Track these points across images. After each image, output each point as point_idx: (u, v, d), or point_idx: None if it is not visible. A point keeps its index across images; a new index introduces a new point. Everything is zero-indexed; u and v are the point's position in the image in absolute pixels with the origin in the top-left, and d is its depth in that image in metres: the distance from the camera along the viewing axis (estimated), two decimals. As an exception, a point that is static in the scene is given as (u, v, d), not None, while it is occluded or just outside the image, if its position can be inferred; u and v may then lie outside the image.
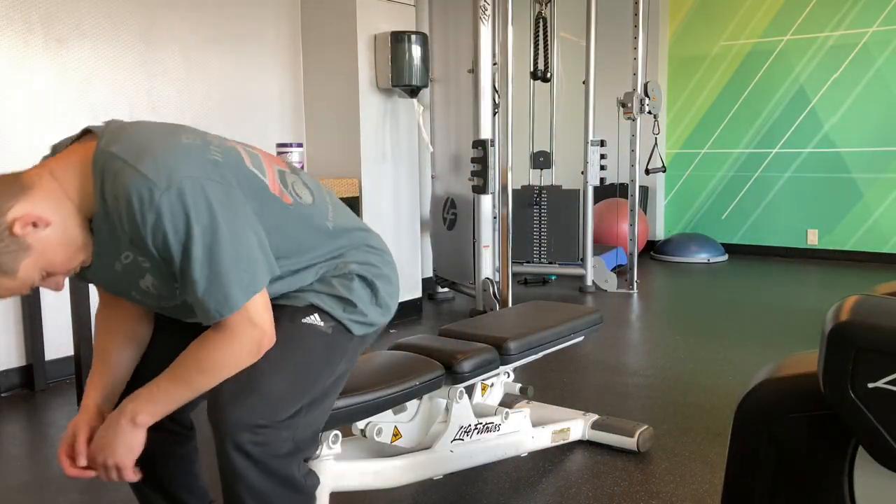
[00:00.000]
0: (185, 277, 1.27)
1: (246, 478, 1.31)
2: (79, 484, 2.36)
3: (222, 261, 1.26)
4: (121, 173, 1.23)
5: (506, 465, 2.38)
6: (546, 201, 5.45)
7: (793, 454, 1.25)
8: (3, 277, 1.23)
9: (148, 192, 1.22)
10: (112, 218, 1.26)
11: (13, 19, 3.24)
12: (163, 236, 1.24)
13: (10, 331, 3.30)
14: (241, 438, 1.29)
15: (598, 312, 2.51)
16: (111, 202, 1.25)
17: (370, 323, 1.53)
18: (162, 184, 1.22)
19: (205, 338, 1.33)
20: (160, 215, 1.22)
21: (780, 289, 5.21)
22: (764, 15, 6.44)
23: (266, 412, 1.32)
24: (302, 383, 1.39)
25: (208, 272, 1.26)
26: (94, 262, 1.34)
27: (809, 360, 1.29)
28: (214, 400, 1.33)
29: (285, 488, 1.36)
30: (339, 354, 1.48)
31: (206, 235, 1.25)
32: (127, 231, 1.26)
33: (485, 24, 4.28)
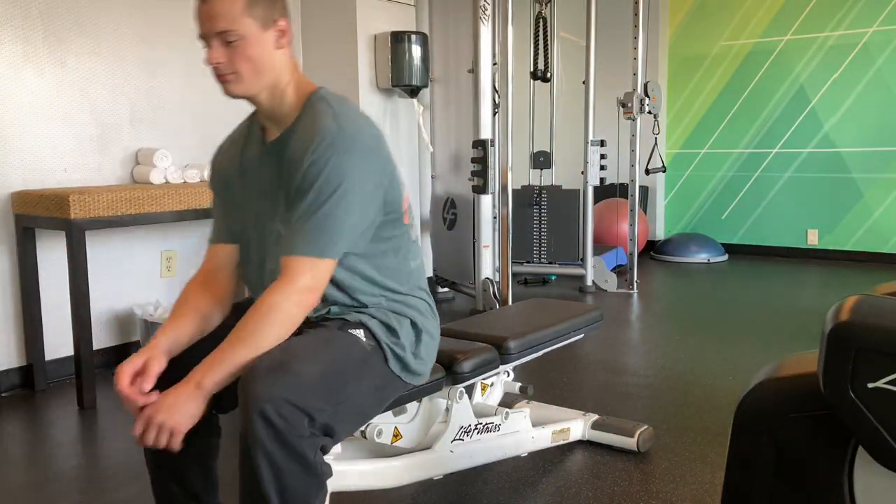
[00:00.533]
0: (299, 206, 1.50)
1: (264, 444, 1.36)
2: (79, 484, 2.36)
3: (336, 212, 1.50)
4: (320, 109, 1.56)
5: (506, 465, 2.38)
6: (546, 201, 5.45)
7: (793, 454, 1.25)
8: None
9: (333, 132, 1.52)
10: (298, 134, 1.56)
11: (13, 18, 3.24)
12: (313, 164, 1.50)
13: (10, 331, 3.30)
14: (267, 407, 1.35)
15: (597, 310, 2.51)
16: (304, 125, 1.56)
17: (405, 363, 1.64)
18: (347, 138, 1.52)
19: (261, 298, 1.49)
20: (334, 155, 1.50)
21: (780, 289, 5.21)
22: (764, 15, 6.44)
23: (295, 393, 1.38)
24: (332, 381, 1.46)
25: (321, 210, 1.49)
26: (275, 181, 1.58)
27: (809, 360, 1.29)
28: (249, 373, 1.40)
29: (298, 465, 1.39)
30: (369, 371, 1.57)
31: (346, 187, 1.50)
32: (301, 153, 1.52)
33: (485, 24, 4.28)
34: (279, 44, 1.60)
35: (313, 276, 1.49)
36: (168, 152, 3.62)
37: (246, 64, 1.57)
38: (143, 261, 3.74)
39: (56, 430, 2.82)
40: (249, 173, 1.69)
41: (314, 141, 1.51)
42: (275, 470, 1.37)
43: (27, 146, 3.31)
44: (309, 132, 1.54)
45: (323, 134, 1.52)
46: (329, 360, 1.47)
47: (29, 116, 3.31)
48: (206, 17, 1.54)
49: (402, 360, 1.64)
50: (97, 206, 3.03)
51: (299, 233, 1.50)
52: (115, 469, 2.46)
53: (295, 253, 1.50)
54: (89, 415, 2.98)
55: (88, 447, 2.67)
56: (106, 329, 3.61)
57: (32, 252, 3.26)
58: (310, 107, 1.60)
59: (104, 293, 3.59)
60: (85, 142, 3.50)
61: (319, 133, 1.52)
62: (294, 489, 1.40)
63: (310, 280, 1.49)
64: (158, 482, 1.70)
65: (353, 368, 1.53)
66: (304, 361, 1.43)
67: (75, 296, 3.01)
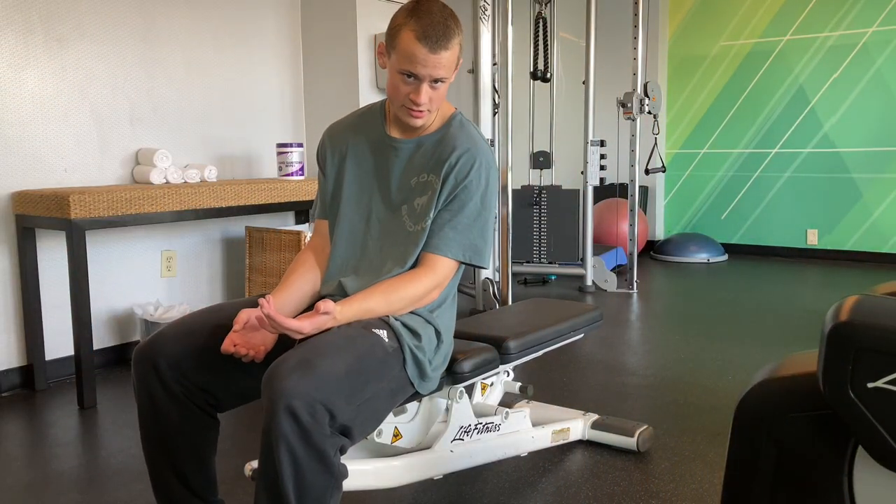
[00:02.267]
0: (452, 211, 1.73)
1: (289, 440, 1.38)
2: (79, 484, 2.36)
3: (483, 219, 1.76)
4: (473, 133, 1.81)
5: (506, 465, 2.38)
6: (546, 201, 5.45)
7: (792, 454, 1.25)
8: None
9: (489, 157, 1.79)
10: (444, 143, 1.77)
11: (13, 19, 3.24)
12: (474, 179, 1.74)
13: (10, 331, 3.30)
14: (294, 403, 1.38)
15: (597, 310, 2.51)
16: (453, 136, 1.77)
17: (423, 369, 1.72)
18: (493, 163, 1.82)
19: (408, 273, 1.72)
20: (484, 170, 1.76)
21: (780, 289, 5.21)
22: (764, 15, 6.44)
23: (321, 390, 1.42)
24: (354, 380, 1.51)
25: (470, 219, 1.74)
26: (399, 175, 1.79)
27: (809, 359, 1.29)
28: (275, 370, 1.44)
29: (319, 463, 1.42)
30: (388, 373, 1.62)
31: (489, 205, 1.79)
32: (446, 158, 1.74)
33: (485, 24, 4.28)
34: (453, 77, 1.76)
35: (447, 275, 1.75)
36: (168, 152, 3.62)
37: (438, 102, 1.74)
38: (143, 261, 3.74)
39: (56, 430, 2.82)
40: (364, 159, 1.84)
41: (474, 159, 1.75)
42: (296, 467, 1.40)
43: (27, 146, 3.31)
44: (462, 147, 1.76)
45: (482, 157, 1.77)
46: (353, 358, 1.52)
47: (29, 116, 3.31)
48: (431, 65, 1.65)
49: (421, 366, 1.71)
50: (97, 206, 3.03)
51: (452, 238, 1.73)
52: (115, 469, 2.46)
53: (448, 255, 1.73)
54: (89, 415, 2.98)
55: (88, 447, 2.67)
56: (106, 329, 3.61)
57: (32, 252, 3.27)
58: (458, 125, 1.81)
59: (104, 293, 3.59)
60: (85, 142, 3.50)
61: (479, 154, 1.76)
62: (312, 487, 1.42)
63: (443, 278, 1.74)
64: (159, 481, 1.71)
65: (375, 369, 1.58)
66: (329, 359, 1.48)
67: (75, 296, 3.01)
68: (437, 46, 1.63)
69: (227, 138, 4.09)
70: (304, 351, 1.49)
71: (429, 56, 1.64)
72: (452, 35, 1.65)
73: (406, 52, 1.64)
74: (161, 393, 1.64)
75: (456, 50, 1.68)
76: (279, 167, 4.01)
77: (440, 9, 1.67)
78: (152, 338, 1.68)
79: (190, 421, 1.67)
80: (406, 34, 1.64)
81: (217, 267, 4.07)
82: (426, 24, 1.63)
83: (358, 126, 1.89)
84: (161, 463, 1.69)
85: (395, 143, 1.81)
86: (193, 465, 1.70)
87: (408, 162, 1.79)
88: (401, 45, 1.65)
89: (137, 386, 1.67)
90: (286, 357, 1.47)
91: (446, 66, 1.67)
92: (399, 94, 1.70)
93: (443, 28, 1.64)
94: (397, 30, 1.66)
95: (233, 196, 3.50)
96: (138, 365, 1.66)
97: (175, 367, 1.64)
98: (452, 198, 1.74)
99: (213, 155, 4.03)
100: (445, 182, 1.74)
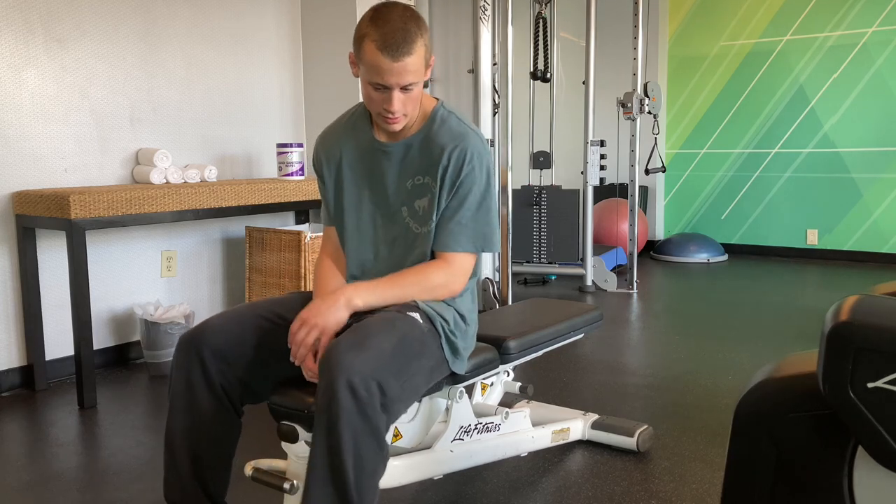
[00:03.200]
0: (453, 208, 1.76)
1: (349, 414, 1.44)
2: (79, 483, 2.36)
3: (489, 210, 1.79)
4: (455, 124, 1.79)
5: (506, 465, 2.38)
6: (546, 201, 5.45)
7: (792, 454, 1.25)
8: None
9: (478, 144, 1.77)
10: (431, 142, 1.77)
11: (13, 19, 3.24)
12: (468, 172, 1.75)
13: (11, 331, 3.30)
14: (354, 379, 1.44)
15: (597, 310, 2.51)
16: (438, 133, 1.77)
17: (456, 347, 1.80)
18: (484, 147, 1.80)
19: (428, 263, 1.77)
20: (476, 160, 1.76)
21: (780, 289, 5.21)
22: (764, 15, 6.44)
23: (376, 368, 1.49)
24: (401, 357, 1.58)
25: (473, 209, 1.76)
26: (394, 179, 1.80)
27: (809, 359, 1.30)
28: (331, 351, 1.50)
29: (374, 438, 1.48)
30: (427, 351, 1.70)
31: (490, 190, 1.80)
32: (437, 159, 1.75)
33: (485, 24, 4.28)
34: (426, 76, 1.75)
35: (465, 268, 1.78)
36: (168, 152, 3.62)
37: (413, 105, 1.73)
38: (143, 261, 3.74)
39: (56, 430, 2.82)
40: (358, 165, 1.86)
41: (465, 153, 1.75)
42: (355, 442, 1.44)
43: (27, 146, 3.31)
44: (451, 144, 1.76)
45: (472, 147, 1.76)
46: (397, 338, 1.59)
47: (29, 116, 3.31)
48: (396, 73, 1.64)
49: (454, 345, 1.80)
50: (97, 206, 3.03)
51: (455, 234, 1.76)
52: (115, 469, 2.46)
53: (458, 249, 1.77)
54: (89, 415, 2.98)
55: (88, 447, 2.67)
56: (106, 329, 3.61)
57: (33, 252, 3.27)
58: (441, 120, 1.81)
59: (104, 293, 3.59)
60: (85, 142, 3.50)
61: (468, 146, 1.76)
62: (367, 463, 1.47)
63: (462, 272, 1.78)
64: (175, 473, 1.70)
65: (417, 347, 1.66)
66: (377, 338, 1.55)
67: (75, 296, 3.01)
68: (399, 54, 1.61)
69: (227, 138, 4.09)
70: (354, 333, 1.55)
71: (392, 65, 1.62)
72: (413, 39, 1.63)
73: (370, 64, 1.63)
74: (201, 382, 1.67)
75: (421, 52, 1.65)
76: (279, 167, 4.01)
77: (399, 14, 1.64)
78: (200, 326, 1.71)
79: (221, 414, 1.70)
80: (368, 45, 1.63)
81: (217, 267, 4.07)
82: (385, 32, 1.61)
83: (348, 132, 1.89)
84: (182, 454, 1.68)
85: (385, 148, 1.82)
86: (214, 461, 1.70)
87: (400, 165, 1.81)
88: (365, 57, 1.64)
89: (176, 373, 1.69)
90: (339, 339, 1.53)
91: (413, 70, 1.65)
92: (373, 103, 1.71)
93: (402, 34, 1.61)
94: (360, 41, 1.65)
95: (233, 196, 3.50)
96: (182, 351, 1.68)
97: (220, 357, 1.68)
98: (453, 195, 1.77)
99: (213, 155, 4.03)
100: (443, 184, 1.76)
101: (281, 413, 1.67)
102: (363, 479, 1.47)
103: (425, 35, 1.69)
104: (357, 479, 1.46)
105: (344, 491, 1.46)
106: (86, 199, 3.00)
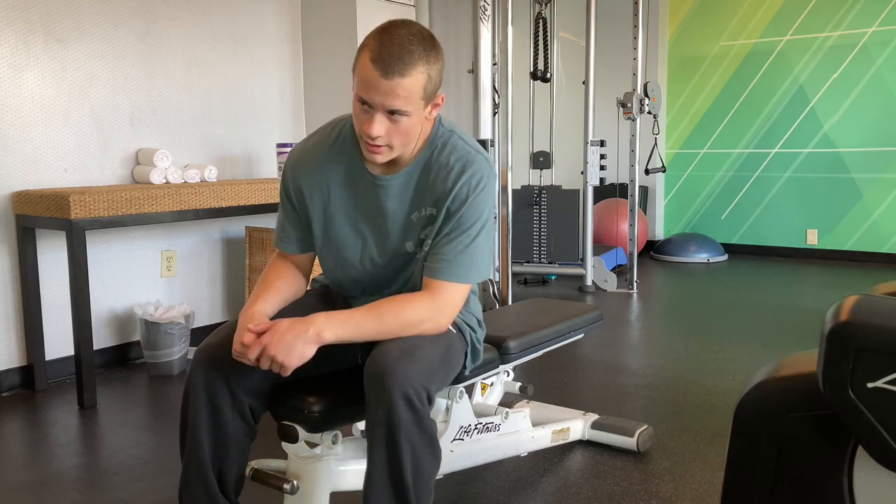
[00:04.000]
0: (451, 237, 1.61)
1: (408, 426, 1.43)
2: (79, 484, 2.36)
3: (487, 242, 1.66)
4: (461, 147, 1.64)
5: (506, 465, 2.38)
6: (546, 201, 5.45)
7: (792, 454, 1.25)
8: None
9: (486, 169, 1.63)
10: (435, 170, 1.62)
11: (13, 19, 3.24)
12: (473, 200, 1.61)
13: (11, 331, 3.30)
14: (409, 391, 1.43)
15: (597, 310, 2.51)
16: (443, 160, 1.62)
17: (477, 350, 1.82)
18: (490, 170, 1.65)
19: (412, 295, 1.61)
20: (483, 188, 1.62)
21: (780, 289, 5.21)
22: (764, 15, 6.44)
23: (428, 378, 1.49)
24: (447, 367, 1.61)
25: (471, 238, 1.62)
26: (396, 214, 1.65)
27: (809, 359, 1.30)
28: (383, 359, 1.47)
29: (431, 448, 1.49)
30: (455, 355, 1.69)
31: (489, 219, 1.66)
32: (444, 186, 1.61)
33: (485, 24, 4.28)
34: (430, 115, 1.60)
35: (453, 302, 1.62)
36: (168, 152, 3.62)
37: (401, 138, 1.55)
38: (143, 261, 3.74)
39: (56, 430, 2.82)
40: (350, 200, 1.69)
41: (472, 180, 1.61)
42: (413, 453, 1.44)
43: (27, 146, 3.31)
44: (457, 170, 1.62)
45: (479, 172, 1.62)
46: (443, 347, 1.60)
47: (29, 116, 3.31)
48: (383, 91, 1.47)
49: (476, 351, 1.82)
50: (97, 206, 3.03)
51: (450, 262, 1.61)
52: (115, 469, 2.46)
53: (450, 279, 1.61)
54: (89, 415, 2.98)
55: (88, 447, 2.67)
56: (106, 329, 3.61)
57: (33, 252, 3.27)
58: (442, 145, 1.65)
59: (104, 293, 3.59)
60: (85, 142, 3.50)
61: (475, 171, 1.62)
62: (424, 472, 1.47)
63: (449, 305, 1.61)
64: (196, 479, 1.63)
65: (455, 356, 1.68)
66: (427, 348, 1.54)
67: (75, 296, 3.01)
68: (391, 71, 1.45)
69: (227, 138, 4.09)
70: (400, 342, 1.53)
71: (381, 81, 1.46)
72: (413, 62, 1.47)
73: (361, 76, 1.49)
74: (227, 402, 1.59)
75: (419, 79, 1.48)
76: (279, 167, 4.01)
77: (409, 32, 1.50)
78: (220, 341, 1.61)
79: (243, 428, 1.64)
80: (364, 55, 1.49)
81: (217, 267, 4.07)
82: (385, 44, 1.47)
83: (333, 157, 1.70)
84: (209, 471, 1.62)
85: (380, 182, 1.65)
86: (234, 469, 1.66)
87: (401, 199, 1.66)
88: (358, 68, 1.50)
89: (201, 393, 1.58)
90: (385, 349, 1.50)
91: (403, 96, 1.47)
92: (358, 123, 1.55)
93: (402, 52, 1.46)
94: (360, 51, 1.52)
95: (233, 196, 3.50)
96: (206, 371, 1.59)
97: (247, 378, 1.60)
98: (454, 221, 1.62)
99: (213, 155, 4.03)
100: (448, 211, 1.62)
101: (281, 413, 1.67)
102: (420, 486, 1.48)
103: (433, 65, 1.52)
104: (416, 488, 1.47)
105: (405, 500, 1.47)
106: (86, 199, 3.00)
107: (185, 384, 1.63)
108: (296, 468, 1.74)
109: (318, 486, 1.72)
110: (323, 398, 1.64)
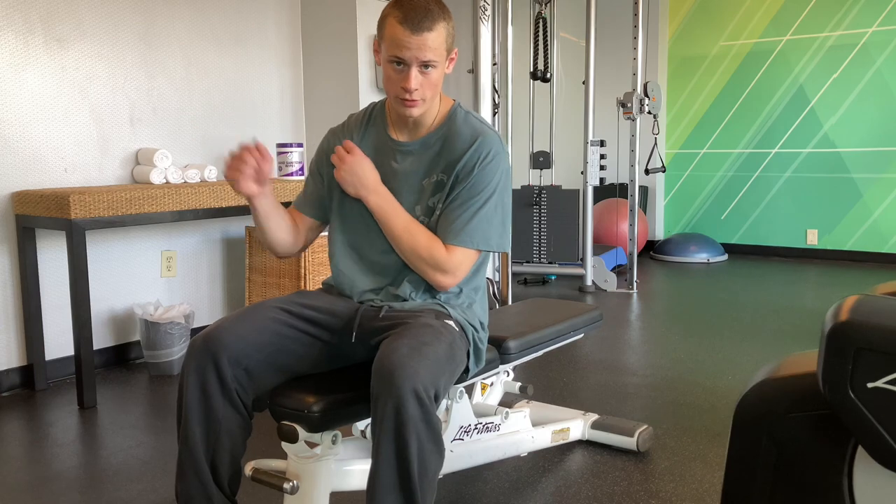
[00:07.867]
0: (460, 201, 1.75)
1: (415, 421, 1.45)
2: (79, 484, 2.36)
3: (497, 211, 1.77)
4: (475, 122, 1.81)
5: (506, 465, 2.38)
6: (546, 201, 5.45)
7: (792, 454, 1.25)
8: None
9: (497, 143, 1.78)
10: (452, 140, 1.78)
11: (13, 19, 3.24)
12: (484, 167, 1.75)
13: (11, 331, 3.30)
14: (419, 387, 1.46)
15: (597, 310, 2.51)
16: (458, 131, 1.79)
17: (480, 351, 1.84)
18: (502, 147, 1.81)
19: (439, 240, 1.75)
20: (494, 158, 1.76)
21: (780, 289, 5.21)
22: (763, 15, 6.44)
23: (436, 375, 1.52)
24: (452, 364, 1.63)
25: (478, 205, 1.74)
26: (409, 178, 1.80)
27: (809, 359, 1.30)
28: (393, 356, 1.50)
29: (436, 445, 1.51)
30: (459, 353, 1.72)
31: (502, 190, 1.79)
32: (457, 154, 1.76)
33: (485, 24, 4.28)
34: (448, 68, 1.78)
35: (464, 265, 1.76)
36: (168, 152, 3.62)
37: (432, 90, 1.74)
38: (143, 261, 3.74)
39: (56, 430, 2.82)
40: (372, 159, 1.83)
41: (482, 151, 1.76)
42: (420, 448, 1.46)
43: (27, 146, 3.31)
44: (469, 141, 1.77)
45: (491, 145, 1.76)
46: (448, 345, 1.63)
47: (29, 116, 3.31)
48: (415, 46, 1.66)
49: (479, 352, 1.84)
50: (97, 206, 3.03)
51: (459, 226, 1.74)
52: (115, 469, 2.46)
53: (454, 243, 1.74)
54: (89, 415, 2.98)
55: (88, 447, 2.67)
56: (106, 329, 3.61)
57: (32, 252, 3.27)
58: (461, 119, 1.82)
59: (104, 293, 3.59)
60: (85, 142, 3.50)
61: (487, 144, 1.76)
62: (429, 468, 1.49)
63: (458, 265, 1.75)
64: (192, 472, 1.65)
65: (459, 355, 1.70)
66: (434, 346, 1.57)
67: (75, 296, 3.01)
68: (419, 28, 1.65)
69: (227, 138, 4.09)
70: (408, 339, 1.55)
71: (412, 38, 1.66)
72: (435, 18, 1.67)
73: (391, 38, 1.68)
74: (217, 390, 1.62)
75: (442, 33, 1.69)
76: (279, 167, 4.01)
77: None
78: (214, 330, 1.65)
79: (236, 419, 1.66)
80: (390, 21, 1.68)
81: (217, 267, 4.07)
82: (407, 8, 1.67)
83: (361, 128, 1.90)
84: (203, 462, 1.64)
85: (400, 147, 1.83)
86: (230, 464, 1.67)
87: (416, 163, 1.81)
88: (386, 33, 1.69)
89: (191, 380, 1.62)
90: (395, 346, 1.53)
91: (432, 48, 1.68)
92: (392, 84, 1.72)
93: (424, 11, 1.66)
94: (383, 20, 1.71)
95: (233, 196, 3.50)
96: (197, 358, 1.63)
97: (236, 364, 1.63)
98: (464, 187, 1.75)
99: (213, 155, 4.03)
100: (458, 177, 1.76)
101: (281, 413, 1.67)
102: (425, 482, 1.50)
103: (450, 22, 1.72)
104: (421, 483, 1.49)
105: (411, 495, 1.48)
106: (86, 199, 3.00)
107: (180, 373, 1.68)
108: (296, 468, 1.74)
109: (318, 486, 1.72)
110: (323, 398, 1.64)
